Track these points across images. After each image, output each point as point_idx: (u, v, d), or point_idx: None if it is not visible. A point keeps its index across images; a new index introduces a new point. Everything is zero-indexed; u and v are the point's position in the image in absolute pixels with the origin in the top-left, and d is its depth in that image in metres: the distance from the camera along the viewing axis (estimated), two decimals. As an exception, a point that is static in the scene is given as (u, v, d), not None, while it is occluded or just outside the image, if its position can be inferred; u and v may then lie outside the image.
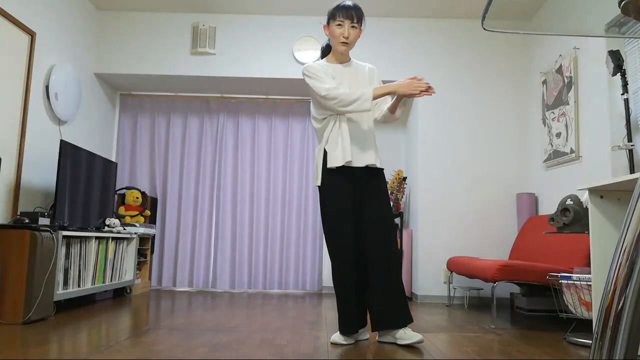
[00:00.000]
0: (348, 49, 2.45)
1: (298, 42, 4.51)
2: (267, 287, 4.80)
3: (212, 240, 4.89)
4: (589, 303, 2.49)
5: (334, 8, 2.43)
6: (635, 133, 3.04)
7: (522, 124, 4.45)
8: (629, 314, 0.60)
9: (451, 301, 4.24)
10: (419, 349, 2.31)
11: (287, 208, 4.89)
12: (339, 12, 2.40)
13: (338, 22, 2.40)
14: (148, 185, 4.94)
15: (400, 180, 4.51)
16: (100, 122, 4.69)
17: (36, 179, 3.67)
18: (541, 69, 4.19)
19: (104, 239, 3.67)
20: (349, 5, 2.41)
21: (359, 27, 2.42)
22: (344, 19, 2.38)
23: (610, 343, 0.61)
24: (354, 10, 2.40)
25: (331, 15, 2.44)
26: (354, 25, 2.40)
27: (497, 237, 4.32)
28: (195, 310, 3.41)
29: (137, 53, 4.53)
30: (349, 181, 2.43)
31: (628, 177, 1.94)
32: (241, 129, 4.99)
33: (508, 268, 2.97)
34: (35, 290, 2.76)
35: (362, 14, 2.42)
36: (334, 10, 2.42)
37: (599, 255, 2.22)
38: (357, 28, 2.41)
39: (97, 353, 2.06)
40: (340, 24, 2.40)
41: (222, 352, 2.13)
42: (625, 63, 3.11)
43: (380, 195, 2.46)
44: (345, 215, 2.39)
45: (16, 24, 3.39)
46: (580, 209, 2.70)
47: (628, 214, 0.64)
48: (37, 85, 3.67)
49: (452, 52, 4.53)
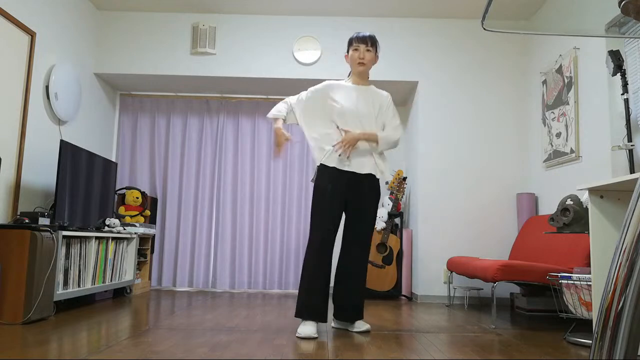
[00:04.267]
0: (365, 69, 2.78)
1: (298, 42, 4.51)
2: (267, 287, 4.80)
3: (212, 240, 4.89)
4: (589, 303, 2.49)
5: (351, 38, 2.81)
6: (635, 133, 3.04)
7: (522, 124, 4.45)
8: (629, 314, 0.60)
9: (451, 301, 4.24)
10: (419, 349, 2.31)
11: (287, 208, 4.89)
12: (355, 40, 2.78)
13: (355, 47, 2.78)
14: (148, 185, 4.94)
15: (400, 180, 4.51)
16: (100, 122, 4.69)
17: (36, 179, 3.67)
18: (541, 69, 4.19)
19: (104, 239, 3.67)
20: (364, 34, 2.78)
21: (374, 51, 2.78)
22: (360, 44, 2.76)
23: (610, 343, 0.61)
24: (368, 37, 2.77)
25: (349, 43, 2.82)
26: (369, 49, 2.76)
27: (497, 237, 4.32)
28: (195, 310, 3.41)
29: (137, 53, 4.53)
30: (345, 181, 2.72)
31: (628, 177, 1.94)
32: (241, 129, 4.99)
33: (508, 268, 2.97)
34: (35, 290, 2.76)
35: (376, 41, 2.79)
36: (351, 39, 2.81)
37: (599, 255, 2.22)
38: (371, 52, 2.77)
39: (97, 353, 2.06)
40: (356, 49, 2.77)
41: (222, 352, 2.13)
42: (625, 63, 3.11)
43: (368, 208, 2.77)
44: (335, 198, 2.67)
45: (16, 24, 3.39)
46: (580, 209, 2.70)
47: (628, 214, 0.64)
48: (37, 85, 3.67)
49: (452, 52, 4.53)
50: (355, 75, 2.83)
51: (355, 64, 2.78)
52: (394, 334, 2.67)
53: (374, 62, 2.81)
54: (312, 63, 4.49)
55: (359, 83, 2.84)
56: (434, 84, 4.50)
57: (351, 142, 2.65)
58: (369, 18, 4.56)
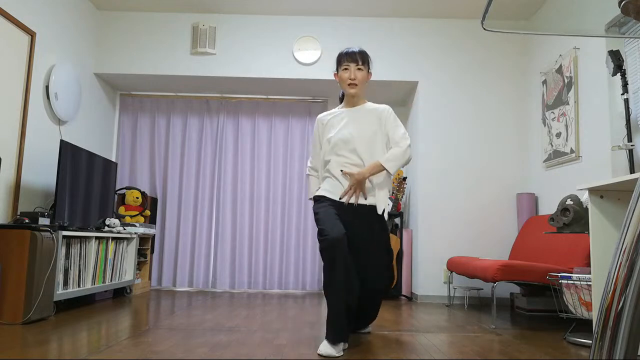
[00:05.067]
0: (357, 91, 2.51)
1: (298, 42, 4.51)
2: (267, 287, 4.80)
3: (212, 240, 4.89)
4: (589, 303, 2.49)
5: (339, 55, 2.54)
6: (635, 133, 3.04)
7: (522, 124, 4.45)
8: (629, 314, 0.60)
9: (451, 301, 4.24)
10: (419, 349, 2.31)
11: (287, 208, 4.89)
12: (344, 58, 2.50)
13: (344, 67, 2.50)
14: (148, 185, 4.94)
15: (400, 180, 4.51)
16: (100, 122, 4.69)
17: (36, 179, 3.67)
18: (541, 69, 4.19)
19: (104, 239, 3.66)
20: (353, 50, 2.51)
21: (366, 69, 2.51)
22: (349, 62, 2.48)
23: (610, 343, 0.61)
24: (358, 54, 2.49)
25: (337, 62, 2.55)
26: (360, 68, 2.49)
27: (497, 237, 4.32)
28: (195, 310, 3.41)
29: (137, 53, 4.53)
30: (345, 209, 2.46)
31: (628, 177, 1.94)
32: (241, 129, 4.99)
33: (508, 268, 2.97)
34: (35, 290, 2.76)
35: (367, 57, 2.52)
36: (339, 56, 2.53)
37: (599, 255, 2.22)
38: (363, 70, 2.50)
39: (97, 353, 2.05)
40: (346, 68, 2.49)
41: (222, 352, 2.13)
42: (625, 63, 3.11)
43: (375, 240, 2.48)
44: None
45: (16, 24, 3.39)
46: (580, 209, 2.70)
47: (628, 214, 0.64)
48: (37, 85, 3.66)
49: (452, 52, 4.53)
50: (348, 97, 2.57)
51: (346, 86, 2.51)
52: (394, 334, 2.67)
53: (366, 81, 2.55)
54: (312, 63, 4.49)
55: (352, 105, 2.58)
56: (434, 84, 4.50)
57: (359, 187, 2.40)
58: (369, 18, 4.56)
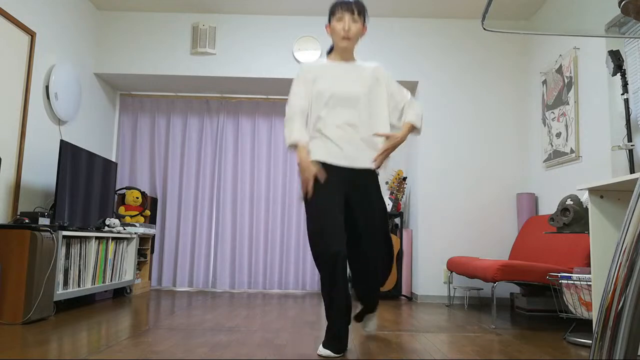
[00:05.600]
0: (350, 45, 2.28)
1: (298, 42, 4.51)
2: (267, 287, 4.80)
3: (212, 240, 4.89)
4: (589, 303, 2.49)
5: (333, 4, 2.30)
6: (635, 133, 3.04)
7: (522, 124, 4.45)
8: (629, 314, 0.60)
9: (451, 301, 4.24)
10: (419, 349, 2.31)
11: (287, 208, 4.89)
12: (338, 7, 2.27)
13: (338, 17, 2.26)
14: (148, 185, 4.94)
15: (400, 180, 4.51)
16: (100, 122, 4.69)
17: (36, 179, 3.67)
18: (541, 69, 4.19)
19: (104, 239, 3.66)
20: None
21: (361, 21, 2.27)
22: (344, 12, 2.25)
23: (610, 343, 0.61)
24: (354, 3, 2.26)
25: (331, 11, 2.30)
26: (355, 19, 2.26)
27: (497, 237, 4.32)
28: (195, 310, 3.41)
29: (137, 53, 4.53)
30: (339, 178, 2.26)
31: (628, 177, 1.94)
32: (241, 129, 4.99)
33: (508, 268, 2.97)
34: (35, 290, 2.76)
35: (364, 8, 2.27)
36: (333, 5, 2.29)
37: (599, 255, 2.22)
38: (358, 22, 2.26)
39: (97, 353, 2.05)
40: (340, 18, 2.26)
41: (222, 352, 2.13)
42: (625, 63, 3.11)
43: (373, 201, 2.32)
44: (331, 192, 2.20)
45: (16, 24, 3.39)
46: (580, 209, 2.70)
47: (628, 214, 0.64)
48: (37, 85, 3.66)
49: (452, 52, 4.53)
50: (339, 50, 2.33)
51: (338, 38, 2.27)
52: (394, 334, 2.67)
53: (361, 35, 2.30)
54: (312, 63, 4.49)
55: (343, 59, 2.34)
56: (434, 84, 4.50)
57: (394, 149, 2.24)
58: (369, 18, 4.56)
